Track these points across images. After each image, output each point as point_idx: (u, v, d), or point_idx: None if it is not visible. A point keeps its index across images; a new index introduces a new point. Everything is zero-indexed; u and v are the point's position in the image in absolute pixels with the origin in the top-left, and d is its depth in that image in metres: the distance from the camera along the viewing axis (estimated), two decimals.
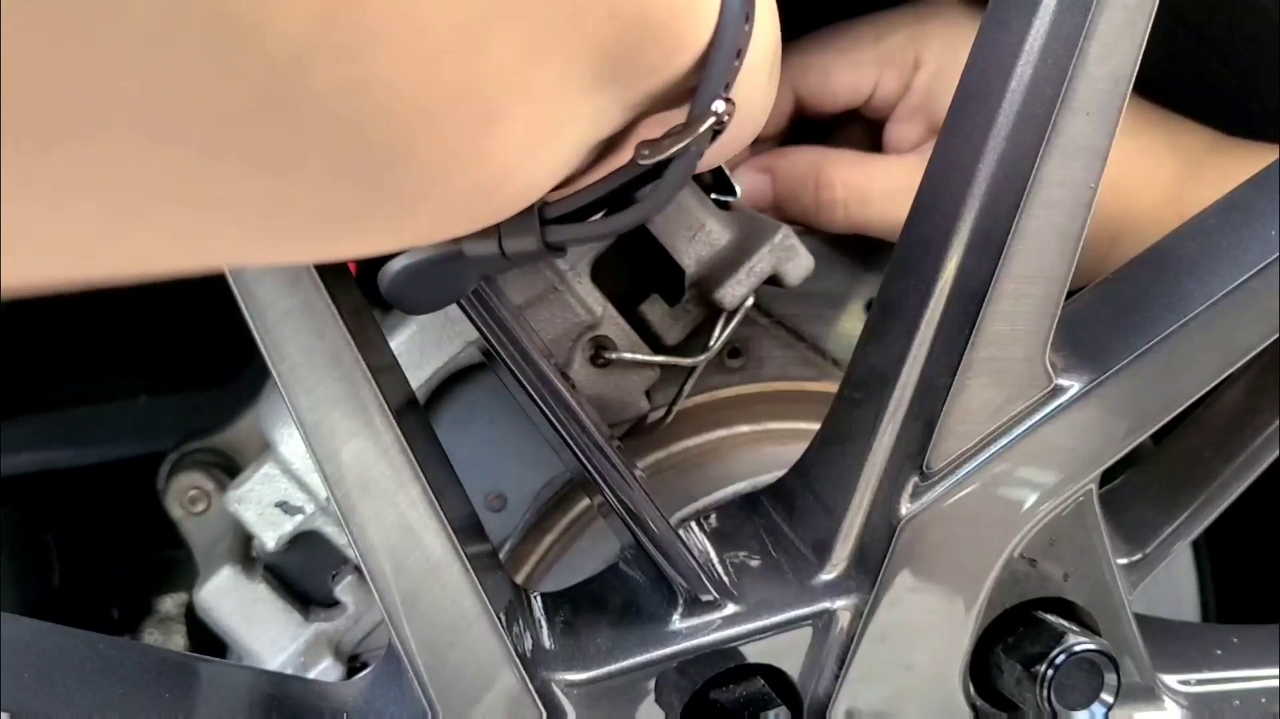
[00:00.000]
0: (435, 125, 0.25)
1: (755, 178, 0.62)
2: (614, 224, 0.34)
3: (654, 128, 0.33)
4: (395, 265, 0.36)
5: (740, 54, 0.32)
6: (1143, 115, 0.60)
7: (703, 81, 0.32)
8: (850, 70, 0.60)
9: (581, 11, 0.27)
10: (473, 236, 0.33)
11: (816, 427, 0.47)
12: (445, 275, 0.36)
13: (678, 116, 0.33)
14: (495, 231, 0.33)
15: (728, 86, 0.32)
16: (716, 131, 0.32)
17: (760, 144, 0.64)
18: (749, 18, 0.32)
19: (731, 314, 0.55)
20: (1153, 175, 0.57)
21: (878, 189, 0.58)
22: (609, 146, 0.34)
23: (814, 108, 0.64)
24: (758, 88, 0.37)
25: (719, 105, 0.32)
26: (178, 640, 0.67)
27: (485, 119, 0.26)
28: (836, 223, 0.60)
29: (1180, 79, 0.63)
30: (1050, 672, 0.44)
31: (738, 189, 0.56)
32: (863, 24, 0.62)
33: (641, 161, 0.32)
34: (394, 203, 0.28)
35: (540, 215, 0.33)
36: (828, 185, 0.59)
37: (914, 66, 0.59)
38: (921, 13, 0.60)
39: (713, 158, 0.40)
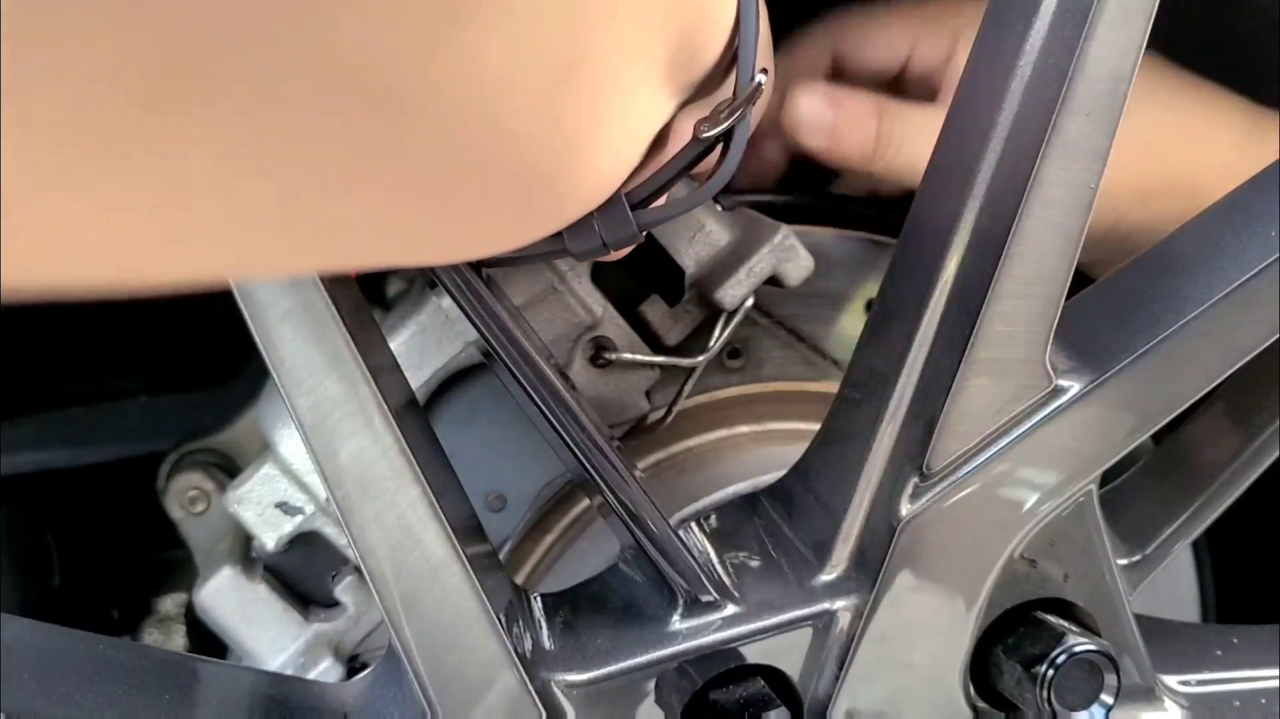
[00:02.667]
0: (559, 107, 0.27)
1: (818, 107, 0.58)
2: (696, 196, 0.37)
3: (691, 116, 0.36)
4: None
5: (758, 35, 0.35)
6: (1192, 79, 0.60)
7: (741, 59, 0.35)
8: (886, 30, 0.60)
9: (671, 4, 0.29)
10: (572, 235, 0.35)
11: (816, 427, 0.47)
12: None
13: (708, 102, 0.36)
14: (589, 226, 0.35)
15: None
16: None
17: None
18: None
19: (731, 314, 0.55)
20: (1223, 131, 0.58)
21: (913, 137, 0.57)
22: (655, 143, 0.37)
23: (850, 70, 0.63)
24: (768, 61, 0.41)
25: (760, 76, 0.35)
26: (178, 640, 0.67)
27: (598, 101, 0.28)
28: (883, 162, 0.58)
29: None
30: (1050, 672, 0.44)
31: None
32: None
33: (703, 136, 0.35)
34: (520, 196, 0.29)
35: (628, 202, 0.35)
36: (889, 122, 0.58)
37: (951, 39, 0.58)
38: None
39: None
